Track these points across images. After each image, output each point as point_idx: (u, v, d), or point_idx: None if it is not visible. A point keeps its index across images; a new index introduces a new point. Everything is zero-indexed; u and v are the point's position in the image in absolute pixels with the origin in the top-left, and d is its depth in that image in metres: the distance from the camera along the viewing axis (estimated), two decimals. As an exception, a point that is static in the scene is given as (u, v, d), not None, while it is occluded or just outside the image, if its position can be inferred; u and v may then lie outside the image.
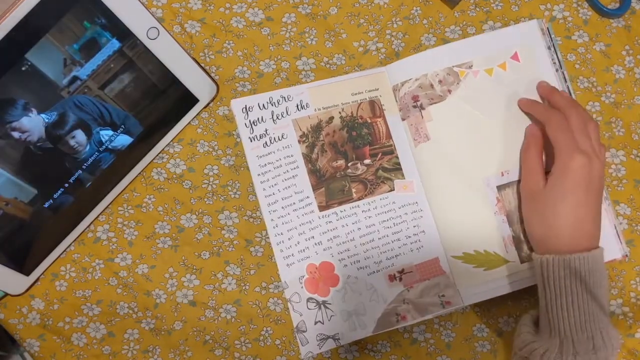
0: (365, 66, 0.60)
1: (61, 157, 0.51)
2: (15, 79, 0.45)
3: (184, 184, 0.58)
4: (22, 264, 0.54)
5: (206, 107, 0.59)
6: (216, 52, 0.60)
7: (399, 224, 0.56)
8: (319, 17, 0.61)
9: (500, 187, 0.55)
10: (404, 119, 0.57)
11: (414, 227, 0.56)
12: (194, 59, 0.56)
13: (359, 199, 0.56)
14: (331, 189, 0.56)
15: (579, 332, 0.46)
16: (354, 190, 0.56)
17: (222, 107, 0.59)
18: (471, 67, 0.56)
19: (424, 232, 0.56)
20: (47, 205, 0.52)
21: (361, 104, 0.57)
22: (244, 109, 0.57)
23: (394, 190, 0.56)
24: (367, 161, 0.57)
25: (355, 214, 0.56)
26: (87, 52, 0.48)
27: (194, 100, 0.57)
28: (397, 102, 0.57)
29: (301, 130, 0.57)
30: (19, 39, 0.44)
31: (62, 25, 0.45)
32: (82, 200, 0.54)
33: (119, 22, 0.48)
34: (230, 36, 0.60)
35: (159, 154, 0.58)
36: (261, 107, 0.57)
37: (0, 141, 0.47)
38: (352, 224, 0.56)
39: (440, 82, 0.56)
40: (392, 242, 0.56)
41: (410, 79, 0.57)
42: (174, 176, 0.58)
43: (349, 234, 0.56)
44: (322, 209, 0.56)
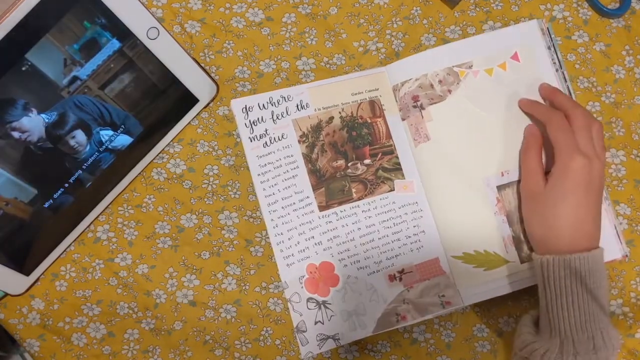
0: (365, 66, 0.60)
1: (61, 157, 0.51)
2: (15, 79, 0.45)
3: (184, 184, 0.58)
4: (22, 264, 0.54)
5: (206, 107, 0.59)
6: (216, 52, 0.60)
7: (399, 224, 0.56)
8: (319, 17, 0.61)
9: (500, 187, 0.55)
10: (404, 119, 0.57)
11: (414, 227, 0.56)
12: (194, 59, 0.56)
13: (359, 199, 0.56)
14: (331, 189, 0.56)
15: (579, 332, 0.46)
16: (354, 190, 0.56)
17: (222, 107, 0.59)
18: (471, 67, 0.56)
19: (424, 232, 0.56)
20: (47, 205, 0.52)
21: (361, 104, 0.57)
22: (244, 109, 0.57)
23: (394, 190, 0.56)
24: (367, 161, 0.57)
25: (355, 214, 0.56)
26: (87, 52, 0.48)
27: (194, 100, 0.57)
28: (397, 102, 0.57)
29: (301, 130, 0.57)
30: (19, 39, 0.44)
31: (62, 25, 0.45)
32: (82, 200, 0.54)
33: (119, 22, 0.48)
34: (230, 36, 0.60)
35: (159, 154, 0.58)
36: (261, 107, 0.57)
37: (0, 141, 0.47)
38: (352, 224, 0.56)
39: (440, 82, 0.56)
40: (392, 242, 0.56)
41: (410, 79, 0.57)
42: (174, 176, 0.58)
43: (349, 234, 0.56)
44: (322, 209, 0.56)
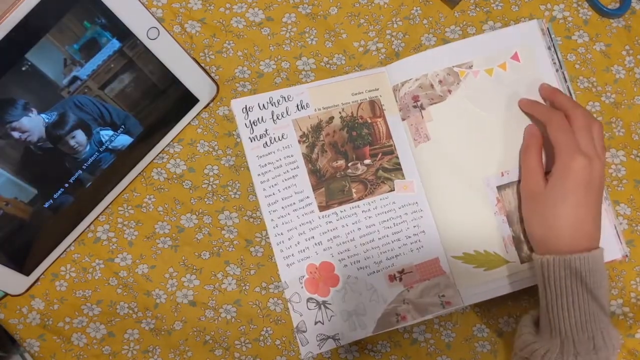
0: (365, 66, 0.60)
1: (61, 157, 0.51)
2: (15, 79, 0.45)
3: (184, 184, 0.58)
4: (22, 264, 0.54)
5: (206, 107, 0.59)
6: (216, 52, 0.60)
7: (399, 224, 0.56)
8: (319, 17, 0.61)
9: (500, 187, 0.55)
10: (404, 119, 0.57)
11: (414, 227, 0.56)
12: (194, 59, 0.56)
13: (359, 199, 0.56)
14: (331, 189, 0.56)
15: (579, 332, 0.46)
16: (354, 190, 0.56)
17: (222, 107, 0.59)
18: (471, 67, 0.56)
19: (424, 232, 0.56)
20: (47, 205, 0.52)
21: (361, 104, 0.57)
22: (244, 109, 0.57)
23: (394, 190, 0.56)
24: (367, 161, 0.57)
25: (355, 214, 0.56)
26: (87, 52, 0.48)
27: (194, 100, 0.57)
28: (397, 102, 0.57)
29: (301, 130, 0.57)
30: (19, 39, 0.44)
31: (62, 25, 0.45)
32: (82, 200, 0.54)
33: (119, 22, 0.48)
34: (230, 36, 0.60)
35: (159, 154, 0.58)
36: (261, 107, 0.57)
37: (0, 141, 0.47)
38: (352, 224, 0.56)
39: (440, 82, 0.56)
40: (392, 242, 0.56)
41: (410, 79, 0.57)
42: (174, 176, 0.58)
43: (349, 234, 0.56)
44: (322, 209, 0.56)
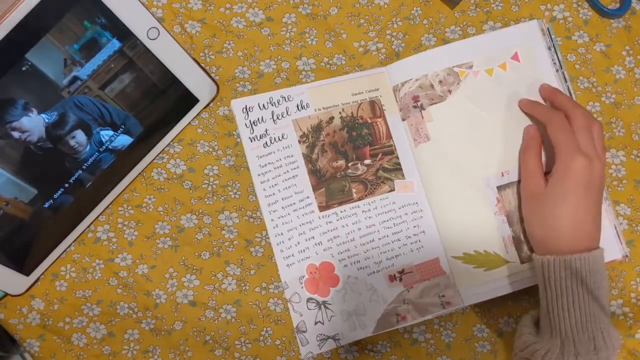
0: (365, 66, 0.60)
1: (61, 157, 0.51)
2: (15, 79, 0.45)
3: (184, 184, 0.58)
4: (22, 264, 0.54)
5: (206, 107, 0.59)
6: (216, 52, 0.60)
7: (399, 224, 0.56)
8: (319, 17, 0.61)
9: (500, 188, 0.55)
10: (404, 119, 0.57)
11: (414, 227, 0.56)
12: (194, 59, 0.56)
13: (359, 199, 0.56)
14: (331, 189, 0.56)
15: (580, 332, 0.46)
16: (354, 190, 0.56)
17: (223, 107, 0.59)
18: (471, 67, 0.56)
19: (424, 232, 0.56)
20: (47, 205, 0.52)
21: (361, 104, 0.57)
22: (244, 109, 0.57)
23: (394, 190, 0.56)
24: (367, 161, 0.57)
25: (355, 214, 0.56)
26: (88, 52, 0.48)
27: (194, 100, 0.57)
28: (397, 102, 0.57)
29: (301, 130, 0.57)
30: (19, 39, 0.44)
31: (63, 25, 0.45)
32: (82, 200, 0.54)
33: (119, 22, 0.48)
34: (230, 36, 0.60)
35: (159, 154, 0.58)
36: (261, 107, 0.57)
37: (0, 141, 0.47)
38: (352, 224, 0.56)
39: (440, 82, 0.56)
40: (392, 242, 0.56)
41: (410, 79, 0.57)
42: (174, 176, 0.58)
43: (349, 234, 0.56)
44: (322, 209, 0.56)
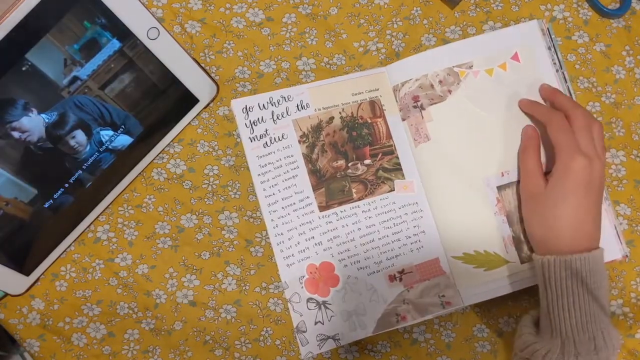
0: (365, 66, 0.60)
1: (61, 157, 0.51)
2: (15, 79, 0.45)
3: (184, 184, 0.58)
4: (22, 264, 0.54)
5: (206, 107, 0.59)
6: (216, 52, 0.60)
7: (399, 224, 0.56)
8: (319, 17, 0.61)
9: (500, 188, 0.55)
10: (404, 119, 0.57)
11: (414, 227, 0.56)
12: (194, 59, 0.56)
13: (359, 199, 0.56)
14: (331, 189, 0.56)
15: (580, 332, 0.46)
16: (354, 190, 0.56)
17: (222, 107, 0.59)
18: (471, 67, 0.56)
19: (424, 232, 0.56)
20: (47, 205, 0.52)
21: (361, 104, 0.57)
22: (244, 109, 0.57)
23: (394, 190, 0.56)
24: (367, 161, 0.57)
25: (355, 214, 0.56)
26: (88, 52, 0.48)
27: (194, 100, 0.57)
28: (397, 102, 0.57)
29: (301, 130, 0.57)
30: (19, 39, 0.44)
31: (63, 25, 0.45)
32: (82, 200, 0.54)
33: (119, 22, 0.48)
34: (230, 36, 0.60)
35: (159, 154, 0.58)
36: (261, 107, 0.57)
37: (0, 141, 0.47)
38: (352, 224, 0.56)
39: (440, 82, 0.56)
40: (392, 242, 0.56)
41: (410, 79, 0.57)
42: (174, 176, 0.58)
43: (349, 234, 0.56)
44: (322, 209, 0.56)
